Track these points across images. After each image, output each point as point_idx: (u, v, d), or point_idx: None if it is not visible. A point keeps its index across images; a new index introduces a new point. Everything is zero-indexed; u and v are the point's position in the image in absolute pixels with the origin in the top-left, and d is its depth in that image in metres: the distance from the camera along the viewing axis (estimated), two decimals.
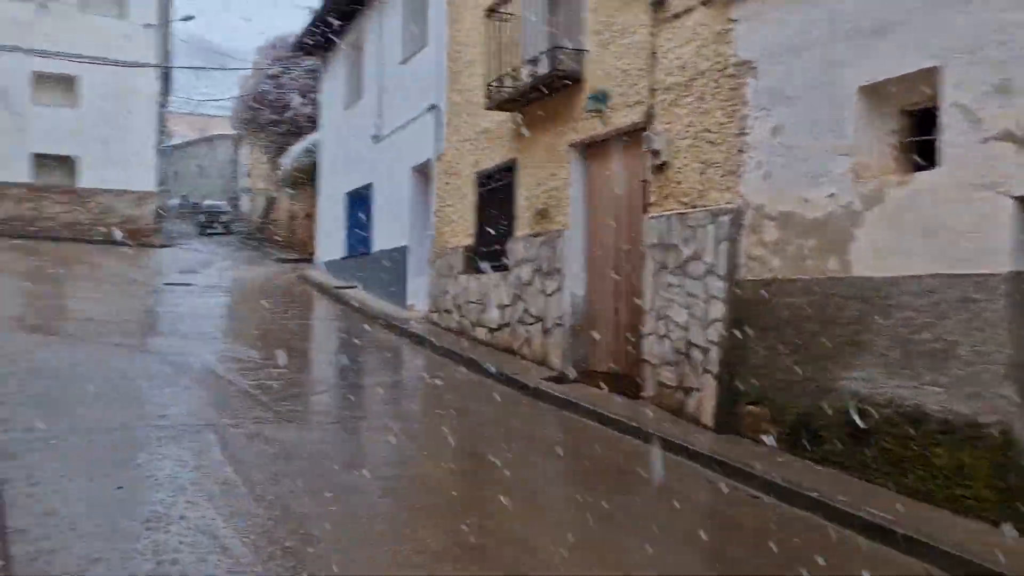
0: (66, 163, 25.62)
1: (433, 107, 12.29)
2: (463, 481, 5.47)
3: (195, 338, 9.93)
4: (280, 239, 29.39)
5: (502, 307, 10.10)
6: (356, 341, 11.06)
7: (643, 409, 7.23)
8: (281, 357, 8.76)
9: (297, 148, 24.17)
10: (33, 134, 24.80)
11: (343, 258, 17.24)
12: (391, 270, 13.92)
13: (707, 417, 6.66)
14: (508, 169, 10.19)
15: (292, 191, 27.43)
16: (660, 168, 7.51)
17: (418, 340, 10.95)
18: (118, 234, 25.93)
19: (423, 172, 13.15)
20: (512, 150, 10.10)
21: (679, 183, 7.31)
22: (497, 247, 10.44)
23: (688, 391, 6.94)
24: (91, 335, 9.66)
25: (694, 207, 7.09)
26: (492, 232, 10.58)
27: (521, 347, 9.64)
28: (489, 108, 10.13)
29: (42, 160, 25.31)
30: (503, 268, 10.17)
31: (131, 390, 7.13)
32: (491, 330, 10.31)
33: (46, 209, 25.20)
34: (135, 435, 5.73)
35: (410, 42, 13.75)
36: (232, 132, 59.24)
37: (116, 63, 25.58)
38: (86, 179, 25.72)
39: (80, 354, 8.40)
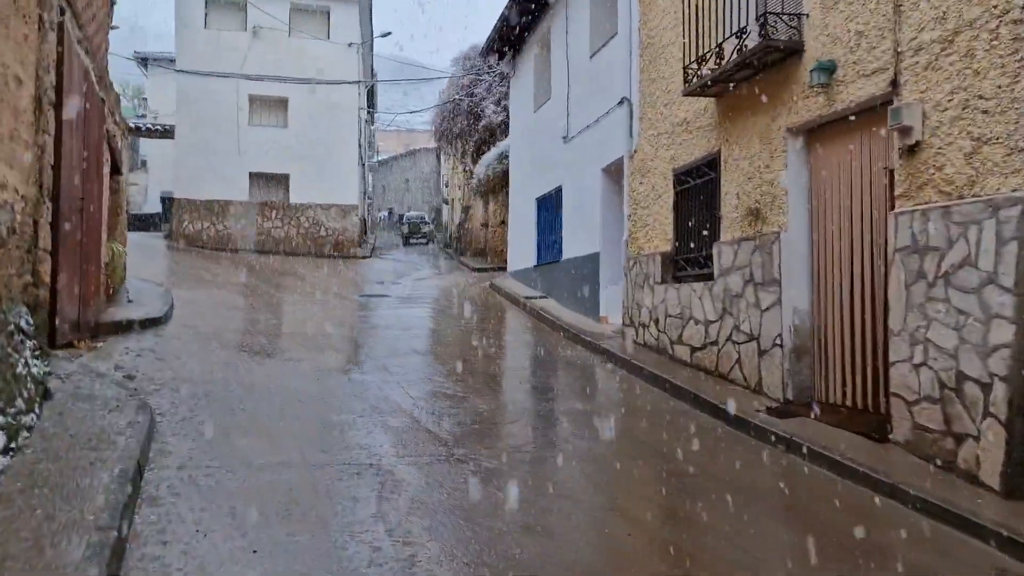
0: (278, 180, 27.10)
1: (624, 100, 11.17)
2: (665, 559, 4.31)
3: (385, 355, 9.49)
4: (475, 248, 29.48)
5: (707, 322, 8.76)
6: (547, 359, 10.19)
7: (894, 457, 5.69)
8: (469, 378, 8.08)
9: (490, 155, 23.97)
10: (250, 154, 26.44)
11: (534, 266, 16.53)
12: (582, 279, 12.96)
13: (990, 475, 5.02)
14: (711, 163, 8.85)
15: (486, 199, 27.37)
16: (912, 150, 5.92)
17: (612, 359, 9.86)
18: (325, 247, 27.18)
19: (614, 172, 12.06)
20: (715, 141, 8.76)
21: (939, 168, 5.69)
22: (700, 253, 9.13)
23: (960, 438, 5.32)
24: (278, 351, 9.52)
25: (962, 198, 5.46)
26: (693, 236, 9.29)
27: (730, 370, 8.27)
28: (688, 95, 8.85)
29: (257, 178, 26.95)
30: (707, 277, 8.84)
31: (316, 419, 6.64)
32: (694, 349, 9.00)
33: (262, 225, 26.75)
34: (314, 476, 5.09)
35: (599, 33, 12.72)
36: (434, 146, 61.74)
37: (321, 82, 26.69)
38: (296, 195, 27.06)
39: (267, 373, 8.16)
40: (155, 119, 30.75)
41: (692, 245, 9.33)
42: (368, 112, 43.78)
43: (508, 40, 17.50)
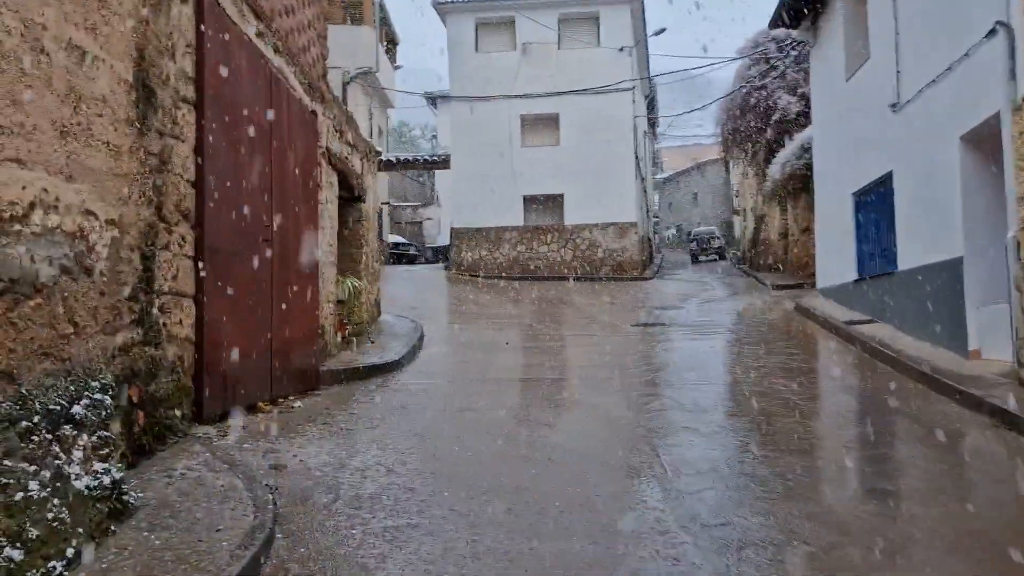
0: (552, 202, 25.64)
1: (997, 28, 7.50)
2: None
3: (667, 427, 6.91)
4: (771, 261, 25.63)
5: None
6: (887, 417, 6.85)
7: None
8: (770, 457, 5.21)
9: (787, 152, 20.31)
10: (523, 177, 25.29)
11: (853, 281, 12.85)
12: (933, 296, 9.26)
13: None
14: None
15: (783, 204, 23.54)
16: None
17: (1007, 421, 6.27)
18: (603, 269, 25.13)
19: (983, 139, 8.33)
20: None
21: None
22: None
23: None
24: (522, 420, 7.31)
25: None
26: None
27: None
28: None
29: (531, 201, 25.70)
30: None
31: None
32: None
33: (537, 250, 25.41)
34: None
35: None
36: (721, 155, 57.85)
37: (591, 91, 24.84)
38: (570, 216, 25.39)
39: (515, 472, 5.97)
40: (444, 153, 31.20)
41: None
42: (648, 130, 41.50)
43: (805, 2, 14.10)
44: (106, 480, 3.62)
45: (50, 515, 3.14)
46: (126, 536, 3.51)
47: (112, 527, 3.57)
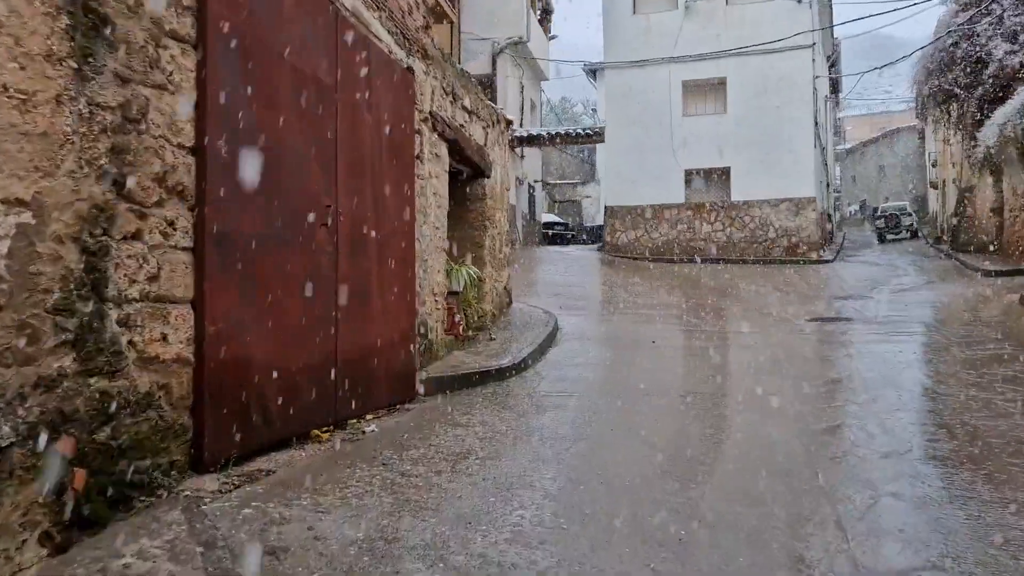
0: (718, 176, 23.21)
1: None
2: None
3: (865, 486, 5.01)
4: (980, 241, 21.90)
5: None
6: None
7: None
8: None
9: (1007, 110, 16.87)
10: (685, 149, 23.03)
11: None
12: None
13: None
14: None
15: (998, 173, 19.89)
16: None
17: None
18: (776, 250, 22.46)
19: None
20: None
21: None
22: None
23: None
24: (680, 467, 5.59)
25: None
26: None
27: None
28: None
29: (694, 176, 23.40)
30: None
31: None
32: None
33: (699, 229, 23.11)
34: None
35: None
36: (915, 123, 51.98)
37: (763, 49, 22.11)
38: (738, 192, 22.87)
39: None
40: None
41: None
42: (830, 95, 37.50)
43: None
44: None
45: None
46: None
47: None
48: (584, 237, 34.35)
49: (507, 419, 6.13)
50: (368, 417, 5.92)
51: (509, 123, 11.62)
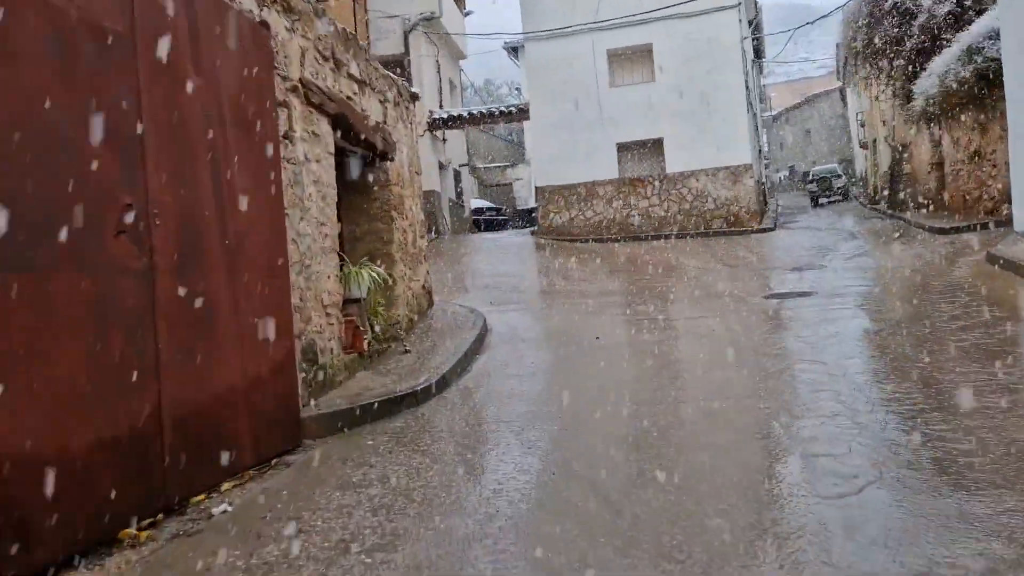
0: (651, 148, 22.03)
1: None
2: None
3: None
4: (920, 198, 21.23)
5: None
6: None
7: None
8: None
9: (944, 59, 15.97)
10: (614, 122, 21.75)
11: None
12: None
13: None
14: None
15: (935, 126, 19.13)
16: None
17: None
18: (716, 222, 21.44)
19: None
20: None
21: None
22: None
23: None
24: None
25: None
26: None
27: None
28: None
29: (626, 150, 22.16)
30: None
31: None
32: None
33: (636, 205, 21.91)
34: None
35: None
36: (837, 85, 51.96)
37: (693, 12, 20.94)
38: (673, 163, 21.72)
39: None
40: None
41: None
42: (755, 60, 36.76)
43: None
44: None
45: None
46: None
47: None
48: (518, 221, 32.91)
49: (417, 470, 4.65)
50: (224, 487, 4.38)
51: (415, 97, 10.06)
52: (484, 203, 31.64)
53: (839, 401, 5.26)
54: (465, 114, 24.15)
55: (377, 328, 7.78)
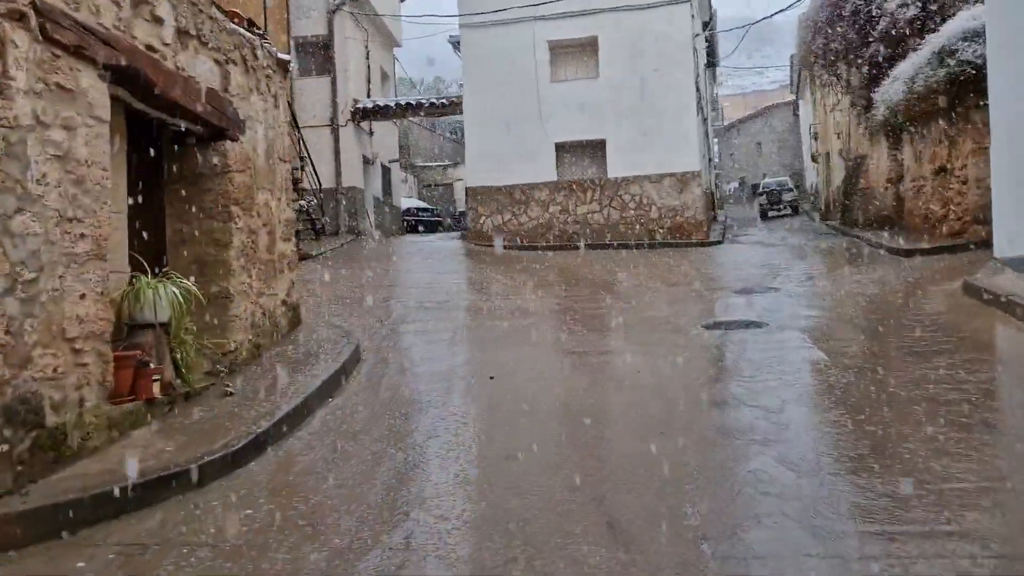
0: (592, 150, 20.27)
1: None
2: None
3: None
4: (875, 215, 19.86)
5: None
6: None
7: None
8: None
9: (914, 62, 14.49)
10: (554, 120, 19.93)
11: None
12: None
13: None
14: None
15: (895, 139, 17.74)
16: None
17: None
18: (659, 232, 19.77)
19: None
20: None
21: None
22: None
23: None
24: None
25: None
26: None
27: None
28: None
29: (565, 150, 20.36)
30: None
31: None
32: None
33: (574, 211, 20.12)
34: None
35: None
36: (790, 98, 51.20)
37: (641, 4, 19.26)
38: (615, 167, 19.98)
39: None
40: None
41: None
42: (708, 69, 35.47)
43: None
44: None
45: None
46: None
47: None
48: (454, 223, 30.93)
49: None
50: None
51: (283, 65, 8.04)
52: (416, 203, 29.59)
53: (790, 517, 3.44)
54: (392, 104, 22.08)
55: (188, 362, 5.75)
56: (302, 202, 16.89)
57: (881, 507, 3.57)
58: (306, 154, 18.50)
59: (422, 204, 30.17)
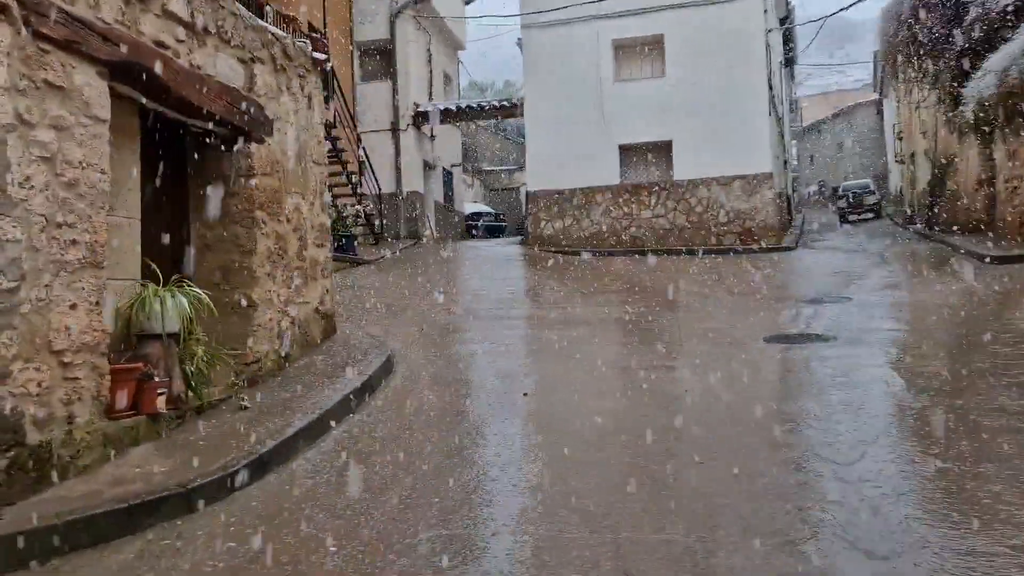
0: (658, 152, 19.56)
1: None
2: None
3: None
4: (966, 219, 18.56)
5: None
6: None
7: None
8: None
9: (1007, 52, 13.36)
10: (617, 122, 19.32)
11: None
12: None
13: None
14: None
15: (988, 137, 16.49)
16: None
17: None
18: (728, 237, 18.95)
19: None
20: None
21: None
22: None
23: None
24: None
25: None
26: None
27: None
28: None
29: (629, 152, 19.72)
30: None
31: None
32: None
33: (637, 215, 19.45)
34: None
35: None
36: (873, 97, 49.09)
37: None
38: (681, 169, 19.23)
39: None
40: None
41: None
42: (786, 68, 34.17)
43: None
44: None
45: None
46: None
47: None
48: (516, 228, 30.51)
49: None
50: None
51: (319, 64, 7.75)
52: (480, 207, 29.30)
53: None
54: (453, 108, 21.84)
55: (199, 375, 5.46)
56: (359, 207, 16.74)
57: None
58: (366, 158, 18.38)
59: (486, 208, 29.87)
